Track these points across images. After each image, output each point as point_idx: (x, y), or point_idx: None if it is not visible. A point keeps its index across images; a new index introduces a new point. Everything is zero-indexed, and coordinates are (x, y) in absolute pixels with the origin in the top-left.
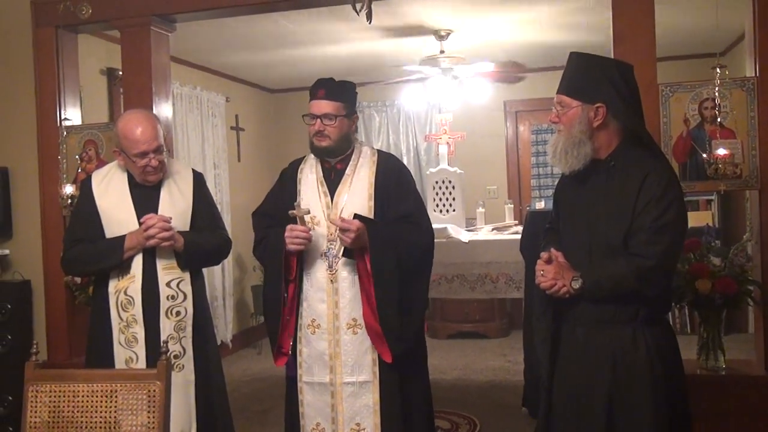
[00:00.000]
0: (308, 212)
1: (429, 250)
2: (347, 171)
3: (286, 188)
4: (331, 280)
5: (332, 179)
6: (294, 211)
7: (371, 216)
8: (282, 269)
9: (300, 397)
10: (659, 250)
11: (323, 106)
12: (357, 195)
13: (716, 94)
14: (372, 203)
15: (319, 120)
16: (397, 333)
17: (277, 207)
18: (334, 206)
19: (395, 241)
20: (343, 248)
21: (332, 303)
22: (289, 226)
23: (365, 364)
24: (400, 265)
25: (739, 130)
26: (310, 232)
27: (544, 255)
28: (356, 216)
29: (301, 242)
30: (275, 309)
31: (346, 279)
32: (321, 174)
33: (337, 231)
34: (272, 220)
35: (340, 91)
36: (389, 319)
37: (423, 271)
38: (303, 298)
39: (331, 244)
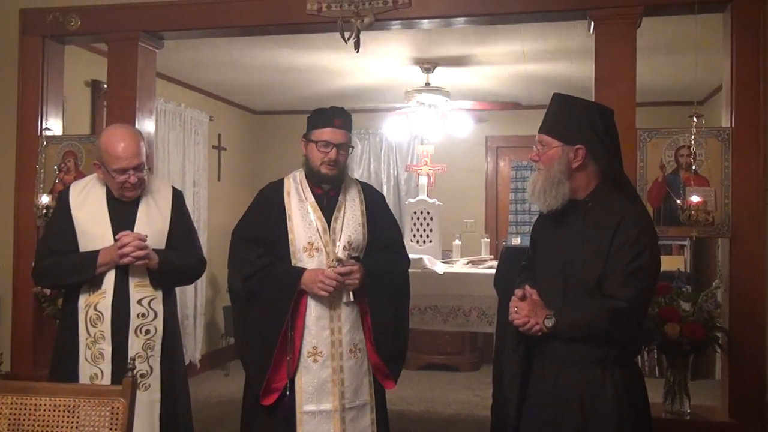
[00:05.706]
0: (351, 260)
1: (407, 277)
2: (340, 198)
3: (273, 212)
4: (333, 307)
5: (326, 206)
6: (339, 264)
7: (364, 243)
8: (290, 308)
9: (298, 429)
10: (632, 293)
11: (340, 135)
12: (352, 221)
13: (692, 142)
14: (366, 231)
15: (335, 149)
16: (395, 359)
17: (263, 233)
18: (331, 232)
19: (385, 273)
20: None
21: (336, 329)
22: (324, 273)
23: (364, 386)
24: (391, 295)
25: (713, 179)
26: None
27: (518, 292)
28: (338, 260)
29: (331, 290)
30: (268, 345)
31: (347, 305)
32: (314, 200)
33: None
34: (259, 248)
35: (350, 122)
36: (388, 348)
37: (407, 297)
38: (303, 329)
39: (330, 269)
